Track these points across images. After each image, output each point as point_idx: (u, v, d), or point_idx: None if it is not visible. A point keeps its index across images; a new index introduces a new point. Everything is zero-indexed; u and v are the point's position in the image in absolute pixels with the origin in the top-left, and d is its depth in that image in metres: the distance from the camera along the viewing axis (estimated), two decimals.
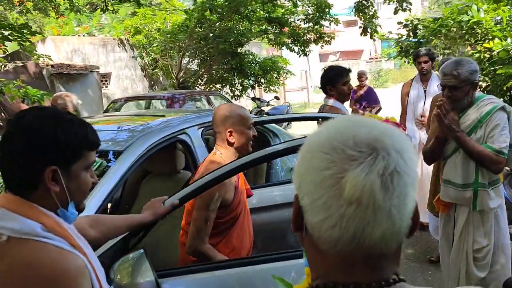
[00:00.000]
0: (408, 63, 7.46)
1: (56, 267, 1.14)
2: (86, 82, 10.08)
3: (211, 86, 11.61)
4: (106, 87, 12.22)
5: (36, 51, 6.47)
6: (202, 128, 3.15)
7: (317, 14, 10.15)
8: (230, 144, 2.38)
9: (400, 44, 6.95)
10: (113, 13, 7.89)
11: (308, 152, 0.75)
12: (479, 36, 5.48)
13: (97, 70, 10.50)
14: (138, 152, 2.59)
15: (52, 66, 9.43)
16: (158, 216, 1.88)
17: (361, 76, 7.98)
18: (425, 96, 4.88)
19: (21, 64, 9.24)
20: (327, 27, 11.11)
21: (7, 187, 1.24)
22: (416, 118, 4.95)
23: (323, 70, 3.95)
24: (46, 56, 6.33)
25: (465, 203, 2.88)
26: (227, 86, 11.60)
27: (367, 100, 7.68)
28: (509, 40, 4.71)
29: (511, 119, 2.78)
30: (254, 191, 2.81)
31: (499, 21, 5.27)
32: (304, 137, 0.96)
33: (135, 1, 6.23)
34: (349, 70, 3.74)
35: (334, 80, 3.58)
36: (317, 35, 10.59)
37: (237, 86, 11.61)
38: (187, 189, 1.94)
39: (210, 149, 3.08)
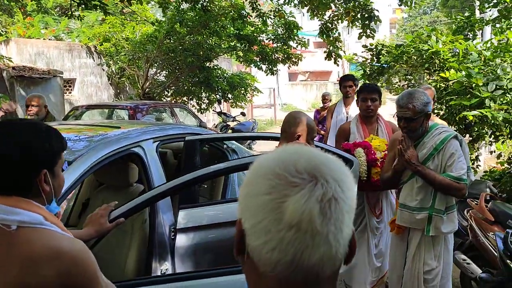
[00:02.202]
0: None
1: (73, 247, 1.35)
2: (49, 87, 9.83)
3: (177, 98, 11.54)
4: (70, 93, 11.95)
5: None
6: (158, 142, 3.12)
7: (286, 35, 10.31)
8: None
9: (363, 67, 7.12)
10: (79, 20, 7.78)
11: (252, 178, 0.78)
12: (436, 65, 5.69)
13: (60, 75, 10.27)
14: (88, 163, 2.53)
15: (13, 68, 9.17)
16: (102, 234, 1.85)
17: (325, 97, 8.18)
18: (347, 118, 5.15)
19: None
20: (295, 48, 11.29)
21: (3, 190, 1.39)
22: None
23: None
24: (6, 58, 6.16)
25: (419, 227, 2.98)
26: (194, 99, 11.55)
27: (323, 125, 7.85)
28: (463, 72, 4.91)
29: (463, 146, 2.97)
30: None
31: (456, 53, 5.49)
32: (244, 157, 0.98)
33: (101, 8, 6.15)
34: (369, 88, 3.86)
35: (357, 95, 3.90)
36: (285, 56, 10.73)
37: (204, 100, 11.59)
38: (132, 203, 1.91)
39: (164, 163, 3.06)
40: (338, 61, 8.34)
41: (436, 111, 5.69)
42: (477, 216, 3.90)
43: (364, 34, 7.53)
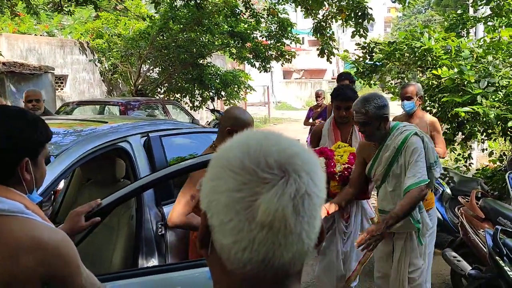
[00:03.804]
0: (364, 85, 7.63)
1: (54, 237, 1.34)
2: (40, 83, 9.73)
3: (170, 95, 11.49)
4: (62, 89, 11.86)
5: None
6: (145, 137, 3.07)
7: (279, 32, 10.28)
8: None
9: (356, 65, 7.10)
10: (69, 15, 7.70)
11: (218, 169, 0.72)
12: (429, 63, 5.67)
13: (52, 71, 10.18)
14: (74, 156, 2.49)
15: (3, 64, 9.07)
16: (76, 232, 1.82)
17: (318, 95, 8.20)
18: None
19: None
20: (288, 45, 11.27)
21: None
22: None
23: None
24: None
25: (401, 230, 2.95)
26: (187, 97, 11.50)
27: (324, 118, 7.86)
28: (455, 69, 4.90)
29: (425, 142, 2.91)
30: None
31: (448, 50, 5.48)
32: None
33: (92, 3, 6.08)
34: (343, 96, 3.56)
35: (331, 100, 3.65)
36: (278, 53, 10.70)
37: (197, 97, 11.53)
38: (110, 198, 1.88)
39: (151, 158, 3.02)
40: (331, 58, 8.32)
41: (428, 108, 5.69)
42: (468, 213, 3.89)
43: (357, 33, 7.50)
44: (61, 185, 3.87)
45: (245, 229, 0.68)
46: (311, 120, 8.11)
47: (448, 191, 4.72)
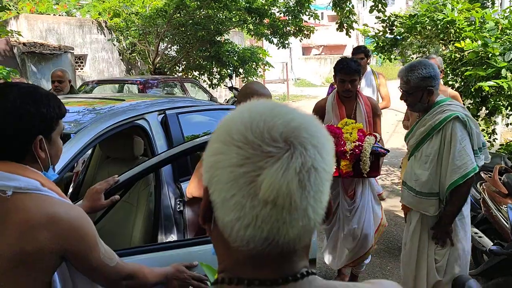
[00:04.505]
0: (384, 60, 7.47)
1: (70, 213, 1.35)
2: (60, 62, 9.83)
3: (189, 73, 11.48)
4: (82, 69, 11.96)
5: (5, 26, 6.28)
6: (162, 115, 3.08)
7: (297, 8, 10.08)
8: None
9: (376, 39, 6.94)
10: None
11: (220, 144, 0.70)
12: (452, 36, 5.50)
13: (71, 51, 10.26)
14: (91, 135, 2.51)
15: (24, 44, 9.17)
16: (97, 210, 1.84)
17: None
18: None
19: None
20: (306, 21, 11.08)
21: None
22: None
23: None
24: (15, 32, 6.14)
25: (416, 208, 2.89)
26: (205, 75, 11.47)
27: None
28: (479, 42, 4.75)
29: (469, 127, 2.69)
30: None
31: (472, 22, 5.30)
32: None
33: None
34: (347, 69, 3.39)
35: (335, 73, 3.50)
36: (297, 28, 10.52)
37: (215, 75, 11.49)
38: (127, 174, 1.89)
39: (168, 135, 3.02)
40: (350, 32, 8.12)
41: (450, 83, 5.54)
42: (490, 189, 3.82)
43: (376, 8, 7.30)
44: (80, 167, 3.93)
45: (247, 206, 0.65)
46: None
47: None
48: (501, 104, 5.14)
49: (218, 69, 11.38)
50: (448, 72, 5.49)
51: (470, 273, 3.03)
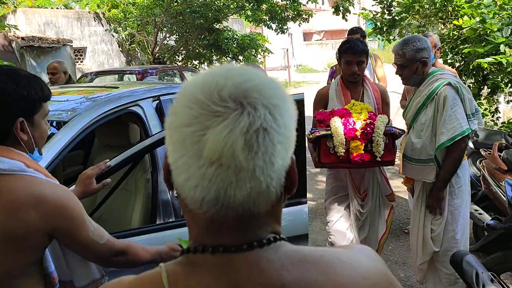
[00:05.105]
0: (383, 41, 7.41)
1: (56, 192, 1.37)
2: (59, 56, 9.83)
3: (188, 62, 11.45)
4: (81, 61, 11.96)
5: (2, 21, 6.28)
6: (157, 101, 3.07)
7: None
8: None
9: (374, 21, 6.88)
10: None
11: (175, 106, 0.70)
12: (450, 13, 5.45)
13: (70, 44, 10.25)
14: (84, 122, 2.51)
15: (22, 38, 9.17)
16: (89, 194, 1.85)
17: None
18: None
19: None
20: (304, 4, 10.99)
21: None
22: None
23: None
24: (13, 26, 6.13)
25: (416, 177, 2.92)
26: (205, 63, 11.44)
27: None
28: (477, 18, 4.70)
29: (461, 92, 2.76)
30: None
31: None
32: None
33: None
34: (354, 49, 3.06)
35: (339, 56, 3.19)
36: (295, 13, 10.45)
37: (215, 63, 11.46)
38: (118, 158, 1.90)
39: (163, 122, 3.02)
40: (346, 16, 8.06)
41: (450, 61, 5.50)
42: (490, 166, 3.80)
43: None
44: None
45: (194, 166, 0.65)
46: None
47: (471, 144, 4.61)
48: (500, 80, 5.09)
49: (218, 57, 11.34)
50: (447, 51, 5.44)
51: (470, 248, 3.04)
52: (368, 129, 2.84)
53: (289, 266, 0.70)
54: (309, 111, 2.73)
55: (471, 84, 5.48)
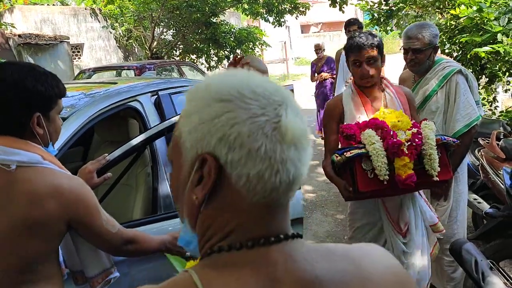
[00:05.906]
0: (381, 32, 7.40)
1: (72, 183, 1.44)
2: (56, 53, 9.81)
3: (186, 56, 11.43)
4: (79, 58, 11.93)
5: None
6: (155, 96, 3.08)
7: None
8: None
9: (371, 12, 6.87)
10: None
11: (221, 103, 0.68)
12: (447, 3, 5.44)
13: (67, 40, 10.23)
14: (83, 118, 2.52)
15: (19, 36, 9.14)
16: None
17: (317, 49, 8.13)
18: None
19: None
20: None
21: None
22: (346, 81, 5.49)
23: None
24: (9, 24, 6.11)
25: None
26: (203, 57, 11.42)
27: (330, 67, 7.91)
28: (474, 8, 4.69)
29: (469, 80, 2.82)
30: None
31: None
32: None
33: None
34: (360, 45, 2.43)
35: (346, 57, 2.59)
36: (292, 5, 10.42)
37: (213, 57, 11.44)
38: (116, 152, 1.92)
39: (162, 116, 3.03)
40: (343, 7, 8.05)
41: (448, 51, 5.49)
42: (489, 154, 3.82)
43: None
44: None
45: (278, 151, 0.67)
46: (316, 75, 8.10)
47: None
48: (497, 69, 5.09)
49: (216, 51, 11.33)
50: (445, 40, 5.43)
51: (469, 237, 3.07)
52: (417, 140, 2.19)
53: (318, 258, 0.72)
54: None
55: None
